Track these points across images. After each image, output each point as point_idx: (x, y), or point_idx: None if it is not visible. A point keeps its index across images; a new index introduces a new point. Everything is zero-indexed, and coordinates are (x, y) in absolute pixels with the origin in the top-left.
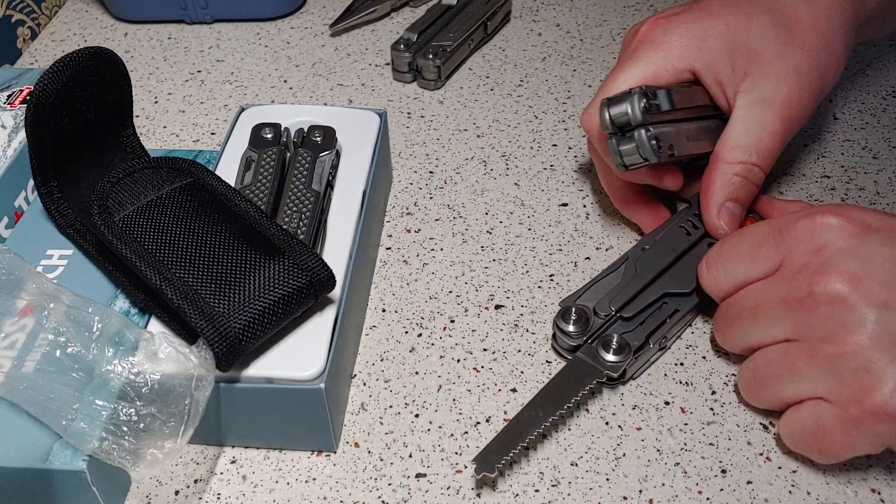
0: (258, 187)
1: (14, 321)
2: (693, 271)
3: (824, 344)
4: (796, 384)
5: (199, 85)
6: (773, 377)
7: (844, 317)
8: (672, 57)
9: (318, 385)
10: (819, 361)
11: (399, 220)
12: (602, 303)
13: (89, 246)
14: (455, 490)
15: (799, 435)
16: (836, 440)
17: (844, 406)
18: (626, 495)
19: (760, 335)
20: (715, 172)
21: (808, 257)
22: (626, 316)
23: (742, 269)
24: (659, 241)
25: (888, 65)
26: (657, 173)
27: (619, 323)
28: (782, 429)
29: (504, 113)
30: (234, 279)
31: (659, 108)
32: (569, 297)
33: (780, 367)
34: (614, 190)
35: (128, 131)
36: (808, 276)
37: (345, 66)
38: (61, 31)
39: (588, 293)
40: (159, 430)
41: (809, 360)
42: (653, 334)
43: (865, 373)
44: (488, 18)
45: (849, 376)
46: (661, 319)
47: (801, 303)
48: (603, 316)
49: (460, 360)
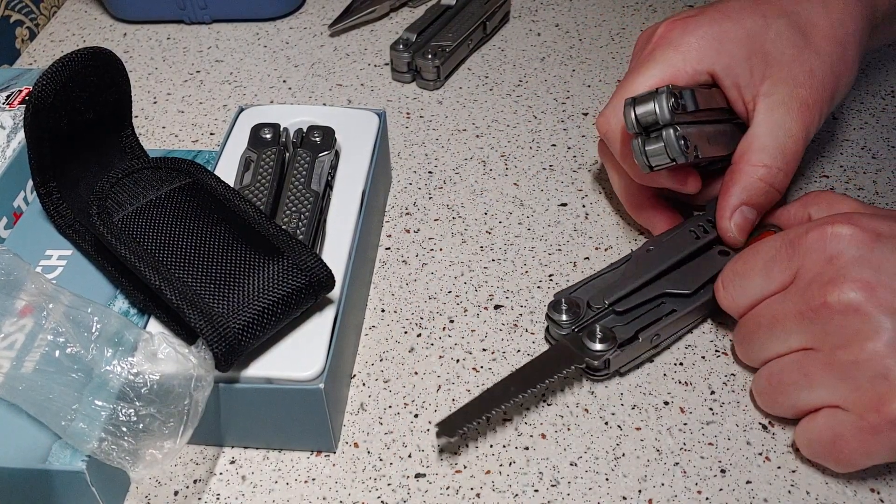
0: (257, 187)
1: (13, 321)
2: (697, 275)
3: (840, 352)
4: (812, 392)
5: (199, 85)
6: (788, 385)
7: (859, 325)
8: (691, 59)
9: (318, 385)
10: (835, 370)
11: (398, 220)
12: (596, 296)
13: (88, 246)
14: (454, 490)
15: (816, 444)
16: (853, 448)
17: (862, 414)
18: (625, 495)
19: (778, 347)
20: (737, 174)
21: (821, 267)
22: (619, 310)
23: (758, 285)
24: (666, 242)
25: (887, 65)
26: (679, 176)
27: (612, 316)
28: (798, 438)
29: (503, 113)
30: (233, 279)
31: (685, 108)
32: (564, 290)
33: (796, 376)
34: (630, 194)
35: (127, 131)
36: (822, 286)
37: (344, 66)
38: (60, 32)
39: (585, 287)
40: (158, 431)
41: (825, 369)
42: (644, 330)
43: (883, 380)
44: (487, 18)
45: (866, 384)
46: (655, 317)
47: (816, 312)
48: (595, 308)
49: (460, 361)
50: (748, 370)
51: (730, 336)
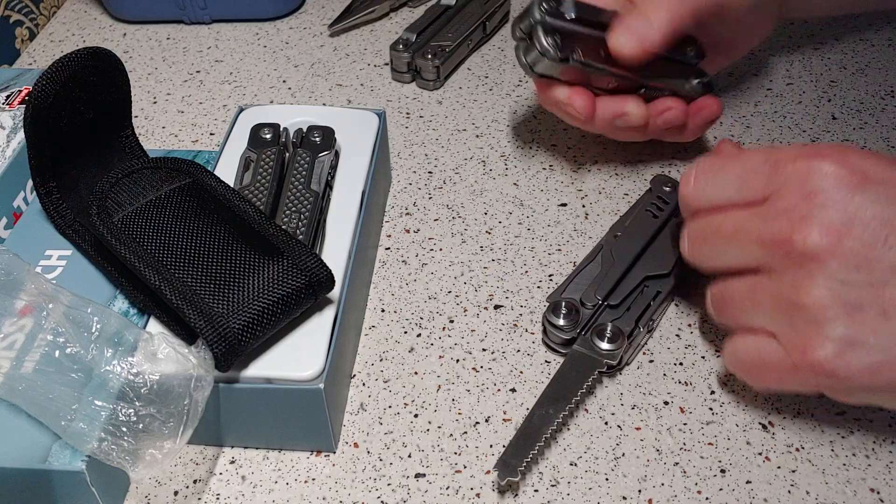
0: (257, 187)
1: (13, 322)
2: (666, 251)
3: (789, 289)
4: (755, 315)
5: (198, 85)
6: (737, 302)
7: (815, 270)
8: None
9: (318, 385)
10: (780, 303)
11: (398, 221)
12: (587, 293)
13: (88, 246)
14: (454, 490)
15: (740, 361)
16: (772, 377)
17: (789, 351)
18: (625, 495)
19: (731, 260)
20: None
21: (797, 200)
22: (613, 304)
23: (730, 188)
24: (629, 226)
25: (887, 65)
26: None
27: (608, 311)
28: (726, 349)
29: (503, 113)
30: (233, 279)
31: (562, 14)
32: (554, 292)
33: (745, 297)
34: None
35: (127, 132)
36: (791, 222)
37: (344, 66)
38: (60, 32)
39: (572, 286)
40: (158, 431)
41: (772, 300)
42: (640, 318)
43: (817, 328)
44: (487, 18)
45: (801, 326)
46: (645, 303)
47: (778, 245)
48: (591, 306)
49: (459, 361)
50: None
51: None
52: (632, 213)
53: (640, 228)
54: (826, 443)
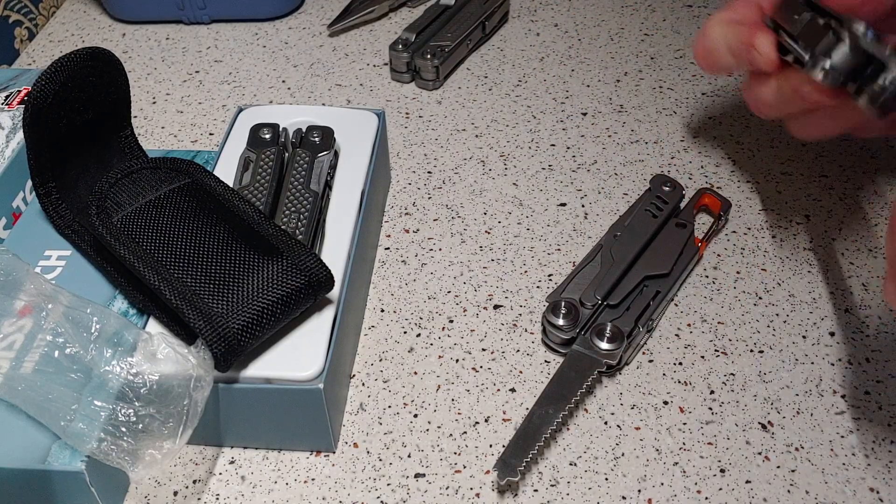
0: (256, 188)
1: (12, 322)
2: (667, 252)
3: None
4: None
5: (198, 85)
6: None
7: None
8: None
9: (317, 385)
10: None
11: (397, 220)
12: (587, 293)
13: (87, 247)
14: (454, 490)
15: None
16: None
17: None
18: (624, 495)
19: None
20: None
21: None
22: (613, 303)
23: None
24: (628, 226)
25: None
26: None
27: (607, 311)
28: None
29: (502, 113)
30: (232, 279)
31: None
32: (554, 292)
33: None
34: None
35: (126, 132)
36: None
37: (343, 66)
38: (59, 32)
39: (571, 286)
40: (158, 431)
41: None
42: (640, 318)
43: None
44: (486, 18)
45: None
46: (645, 303)
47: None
48: (590, 306)
49: (459, 360)
50: (748, 370)
51: (728, 336)
52: (631, 213)
53: (640, 228)
54: (826, 442)
